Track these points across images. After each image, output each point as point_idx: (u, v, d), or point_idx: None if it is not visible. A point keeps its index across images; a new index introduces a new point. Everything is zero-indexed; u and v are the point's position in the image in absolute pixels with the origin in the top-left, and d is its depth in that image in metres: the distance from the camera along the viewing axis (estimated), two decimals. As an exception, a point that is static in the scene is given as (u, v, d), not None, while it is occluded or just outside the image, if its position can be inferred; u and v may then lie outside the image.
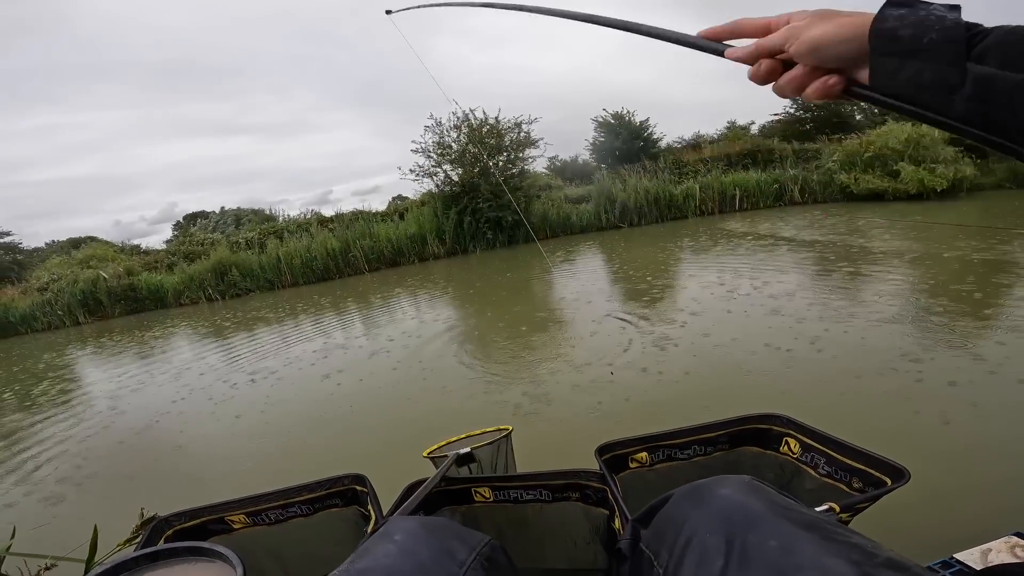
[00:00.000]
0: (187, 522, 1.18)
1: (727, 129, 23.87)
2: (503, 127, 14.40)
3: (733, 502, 0.69)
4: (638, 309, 5.95)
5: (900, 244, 7.62)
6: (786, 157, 15.92)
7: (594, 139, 19.52)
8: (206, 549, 0.78)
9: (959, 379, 3.25)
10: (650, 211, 14.54)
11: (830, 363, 3.75)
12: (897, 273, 5.96)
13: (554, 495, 1.27)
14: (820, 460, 1.19)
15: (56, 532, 2.99)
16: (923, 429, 2.80)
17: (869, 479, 1.06)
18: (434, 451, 1.53)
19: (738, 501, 0.69)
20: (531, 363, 4.69)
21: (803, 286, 5.92)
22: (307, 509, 1.26)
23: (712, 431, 1.33)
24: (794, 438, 1.26)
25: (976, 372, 3.32)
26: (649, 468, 1.32)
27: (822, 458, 1.19)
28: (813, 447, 1.21)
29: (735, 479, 0.77)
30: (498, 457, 1.55)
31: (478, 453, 1.49)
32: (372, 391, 4.67)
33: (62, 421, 5.35)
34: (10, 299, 14.75)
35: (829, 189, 14.01)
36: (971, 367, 3.40)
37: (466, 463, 1.46)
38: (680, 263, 8.69)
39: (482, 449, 1.51)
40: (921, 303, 4.88)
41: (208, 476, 3.60)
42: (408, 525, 0.79)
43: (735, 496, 0.71)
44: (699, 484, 0.78)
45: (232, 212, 25.74)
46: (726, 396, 3.45)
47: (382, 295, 10.26)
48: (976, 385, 3.16)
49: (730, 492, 0.72)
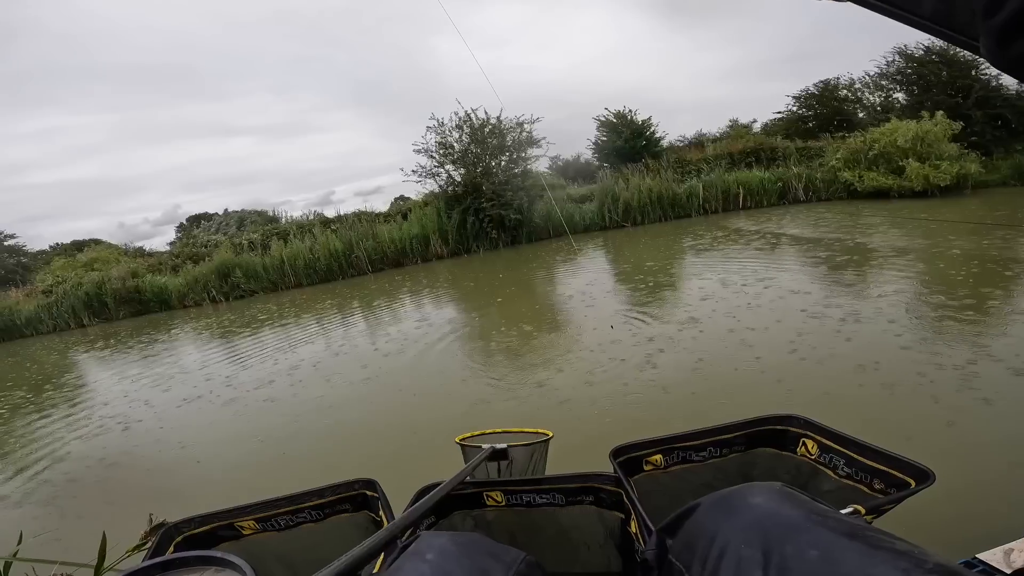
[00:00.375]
0: (196, 528, 1.17)
1: (729, 127, 23.83)
2: (505, 127, 14.37)
3: (767, 511, 0.67)
4: (647, 307, 5.92)
5: (917, 242, 7.58)
6: (789, 155, 15.85)
7: (596, 138, 19.49)
8: (217, 558, 0.77)
9: (969, 374, 3.24)
10: (653, 210, 14.52)
11: (842, 360, 3.72)
12: (910, 270, 5.93)
13: (568, 499, 1.25)
14: (839, 461, 1.16)
15: (62, 538, 2.98)
16: (934, 425, 2.78)
17: (891, 480, 1.03)
18: (467, 439, 1.49)
19: (772, 510, 0.67)
20: (538, 364, 4.67)
21: (813, 282, 5.90)
22: (317, 515, 1.24)
23: (728, 432, 1.30)
24: (812, 439, 1.23)
25: (988, 367, 3.30)
26: (664, 471, 1.30)
27: (841, 459, 1.16)
28: (832, 448, 1.18)
29: (766, 486, 0.74)
30: (531, 462, 1.50)
31: (512, 452, 1.44)
32: (377, 394, 4.66)
33: (69, 425, 5.36)
34: (15, 302, 14.81)
35: (833, 187, 13.95)
36: (983, 363, 3.37)
37: (498, 460, 1.43)
38: (689, 262, 8.66)
39: (516, 449, 1.46)
40: (930, 299, 4.86)
41: (216, 481, 3.59)
42: (440, 542, 0.77)
43: (769, 504, 0.68)
44: (729, 492, 0.76)
45: (236, 214, 25.78)
46: (739, 393, 3.43)
47: (386, 296, 10.25)
48: (986, 380, 3.14)
49: (763, 501, 0.69)
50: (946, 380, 3.23)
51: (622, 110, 18.26)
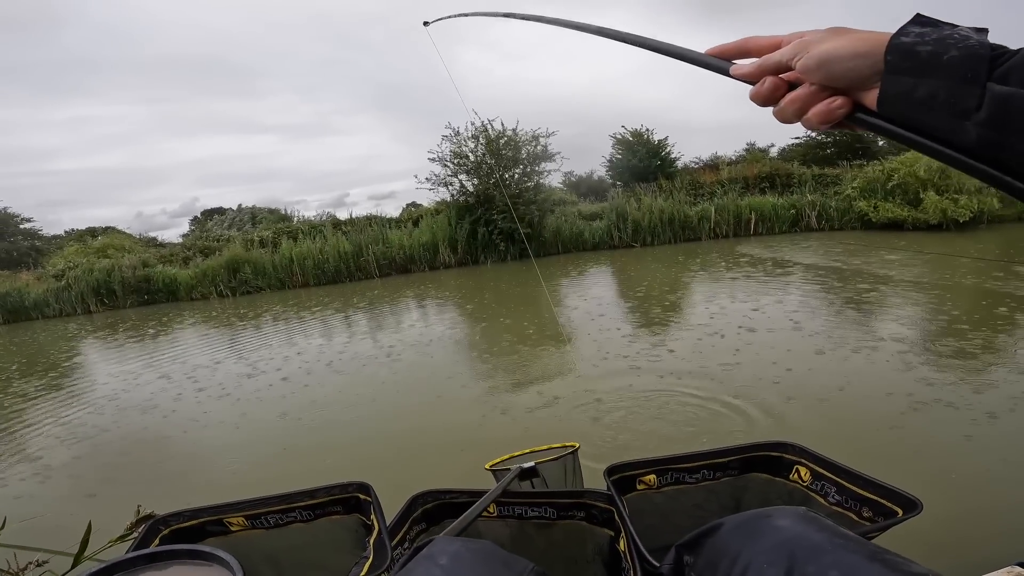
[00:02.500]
0: (185, 522, 1.15)
1: (746, 151, 23.79)
2: (521, 139, 14.43)
3: (792, 533, 0.69)
4: (646, 336, 5.87)
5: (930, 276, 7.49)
6: (805, 182, 15.78)
7: (611, 155, 19.51)
8: (206, 553, 0.75)
9: (961, 406, 3.30)
10: (663, 231, 14.46)
11: (840, 391, 3.66)
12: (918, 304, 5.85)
13: (559, 513, 1.27)
14: (831, 489, 1.19)
15: (48, 524, 2.95)
16: (924, 455, 2.82)
17: (880, 509, 1.06)
18: (497, 464, 1.51)
19: (798, 532, 0.69)
20: (538, 379, 4.64)
21: (817, 312, 5.82)
22: (308, 515, 1.23)
23: (723, 456, 1.32)
24: (805, 466, 1.26)
25: (972, 400, 3.37)
26: (656, 491, 1.32)
27: (832, 487, 1.19)
28: (824, 476, 1.21)
29: (790, 510, 0.76)
30: (567, 474, 1.53)
31: (543, 469, 1.46)
32: (376, 400, 4.62)
33: (65, 410, 5.36)
34: (25, 284, 14.97)
35: (847, 216, 13.83)
36: (971, 398, 3.40)
37: (529, 478, 1.44)
38: (698, 286, 8.61)
39: (547, 465, 1.48)
40: (932, 332, 4.84)
41: (208, 477, 3.56)
42: (454, 548, 0.79)
43: (794, 527, 0.70)
44: (754, 514, 0.78)
45: (248, 210, 26.05)
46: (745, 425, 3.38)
47: (390, 301, 10.27)
48: (974, 414, 3.20)
49: (788, 523, 0.71)
50: (935, 410, 3.18)
51: (639, 128, 18.30)
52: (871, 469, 1.12)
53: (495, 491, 1.24)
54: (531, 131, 14.51)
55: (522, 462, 1.49)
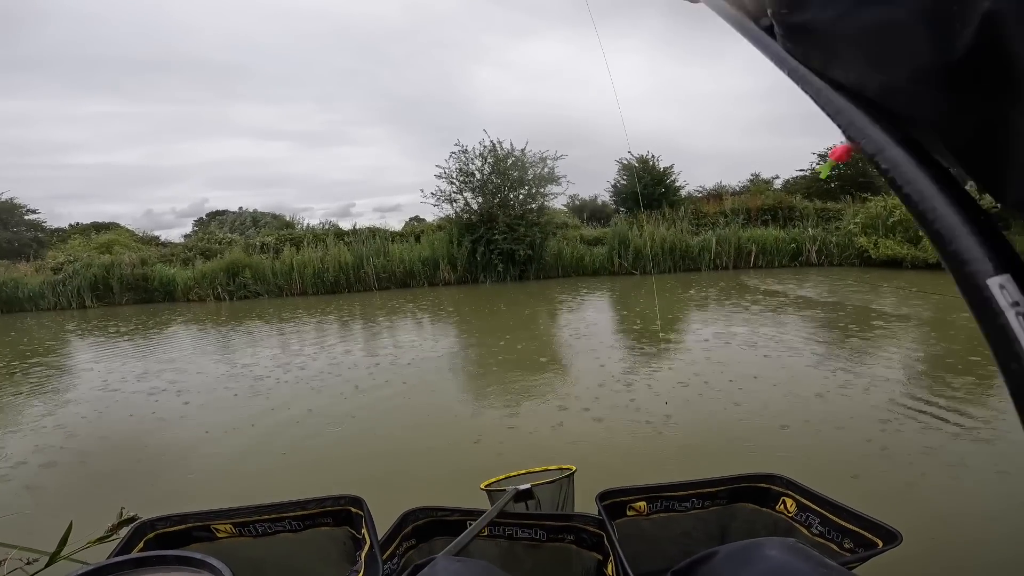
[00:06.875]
0: (171, 526, 1.13)
1: (750, 182, 24.03)
2: (528, 160, 14.52)
3: (781, 563, 0.74)
4: (642, 363, 5.85)
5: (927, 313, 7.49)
6: (807, 216, 15.89)
7: (616, 181, 19.65)
8: (196, 559, 0.72)
9: (937, 444, 3.32)
10: (664, 260, 14.50)
11: (833, 428, 3.63)
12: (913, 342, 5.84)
13: (548, 535, 1.29)
14: (814, 520, 1.24)
15: (30, 522, 2.87)
16: (907, 490, 2.81)
17: (861, 540, 1.10)
18: (492, 484, 1.52)
19: (786, 561, 0.74)
20: (534, 400, 4.60)
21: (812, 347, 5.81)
22: (297, 525, 1.22)
23: (712, 486, 1.36)
24: (791, 498, 1.31)
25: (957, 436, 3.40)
26: (646, 517, 1.35)
27: (816, 518, 1.23)
28: (808, 507, 1.26)
29: (779, 541, 0.81)
30: (560, 497, 1.54)
31: (538, 491, 1.48)
32: (369, 418, 4.55)
33: (49, 407, 5.29)
34: (22, 275, 14.91)
35: (847, 252, 13.90)
36: (956, 432, 3.44)
37: (524, 500, 1.44)
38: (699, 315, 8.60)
39: (542, 487, 1.49)
40: (920, 370, 4.94)
41: (195, 482, 3.48)
42: (455, 568, 0.82)
43: (781, 556, 0.75)
44: (746, 544, 0.82)
45: (250, 213, 26.15)
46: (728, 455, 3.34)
47: (387, 313, 10.23)
48: (957, 446, 3.24)
49: (778, 553, 0.76)
50: (912, 443, 3.15)
51: (645, 155, 18.47)
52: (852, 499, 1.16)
53: (491, 512, 1.23)
54: (539, 152, 14.64)
55: (518, 483, 1.50)
